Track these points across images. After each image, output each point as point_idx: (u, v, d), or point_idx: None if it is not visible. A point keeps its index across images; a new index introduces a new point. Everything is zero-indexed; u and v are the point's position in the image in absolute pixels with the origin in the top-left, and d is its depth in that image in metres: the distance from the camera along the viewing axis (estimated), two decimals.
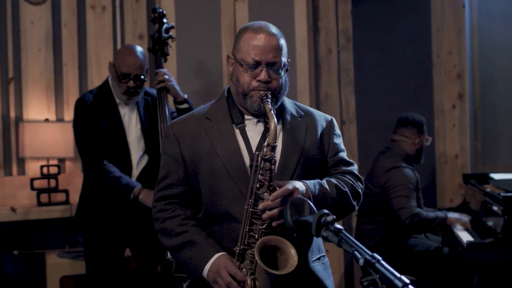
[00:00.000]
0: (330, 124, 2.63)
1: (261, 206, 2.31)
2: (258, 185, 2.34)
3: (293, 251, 2.28)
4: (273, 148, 2.33)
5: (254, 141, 2.49)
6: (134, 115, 4.09)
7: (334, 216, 1.95)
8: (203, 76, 5.18)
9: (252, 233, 2.35)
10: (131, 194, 3.89)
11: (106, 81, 4.09)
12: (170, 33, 4.27)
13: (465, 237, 4.35)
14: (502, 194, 4.07)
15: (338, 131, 2.65)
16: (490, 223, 4.35)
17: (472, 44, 5.83)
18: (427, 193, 5.41)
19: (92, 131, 3.95)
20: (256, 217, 2.34)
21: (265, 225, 2.32)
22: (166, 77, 4.07)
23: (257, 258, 2.25)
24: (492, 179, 5.03)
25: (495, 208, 4.23)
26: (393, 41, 5.71)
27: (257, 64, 2.43)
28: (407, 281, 1.61)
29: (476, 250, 4.00)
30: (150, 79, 5.04)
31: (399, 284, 1.61)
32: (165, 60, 4.26)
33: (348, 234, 1.86)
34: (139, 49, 4.04)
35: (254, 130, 2.52)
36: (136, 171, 4.06)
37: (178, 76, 4.91)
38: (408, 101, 5.64)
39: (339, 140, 2.63)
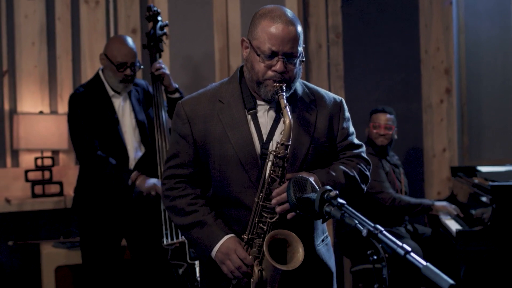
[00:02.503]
0: (339, 107, 2.61)
1: (274, 201, 2.34)
2: (269, 180, 2.36)
3: (300, 247, 2.34)
4: (286, 147, 2.33)
5: (265, 128, 2.48)
6: (127, 105, 4.16)
7: (337, 191, 2.01)
8: (196, 70, 5.25)
9: (261, 225, 2.39)
10: (129, 180, 3.95)
11: (97, 74, 4.16)
12: (165, 30, 4.35)
13: (453, 226, 4.44)
14: (490, 183, 4.16)
15: (347, 114, 2.63)
16: (478, 213, 4.44)
17: (459, 40, 5.94)
18: (415, 186, 5.50)
19: (87, 125, 4.01)
20: (266, 210, 2.37)
21: (274, 218, 2.36)
22: (162, 65, 4.17)
23: (265, 252, 2.31)
24: (479, 171, 5.13)
25: (483, 198, 4.32)
26: (382, 37, 5.80)
27: (273, 54, 2.38)
28: (409, 249, 1.69)
29: (465, 238, 4.08)
30: (144, 73, 5.10)
31: (401, 252, 1.69)
32: (160, 56, 4.33)
33: (351, 208, 1.93)
34: (129, 38, 4.15)
35: (265, 116, 2.50)
36: (132, 161, 4.11)
37: (171, 70, 4.97)
38: (397, 96, 5.74)
39: (348, 124, 2.62)
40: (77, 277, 4.63)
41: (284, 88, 2.39)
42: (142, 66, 4.17)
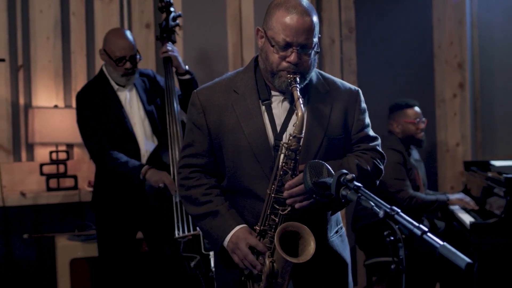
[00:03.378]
0: (355, 98, 2.59)
1: (286, 193, 2.35)
2: (282, 172, 2.36)
3: (312, 240, 2.34)
4: (299, 140, 2.32)
5: (279, 119, 2.47)
6: (134, 97, 4.17)
7: (354, 175, 2.02)
8: (209, 64, 5.27)
9: (273, 216, 2.39)
10: (140, 175, 3.96)
11: (101, 70, 4.18)
12: (177, 21, 4.35)
13: (467, 218, 4.43)
14: (505, 175, 4.15)
15: (363, 105, 2.61)
16: (492, 206, 4.43)
17: (472, 35, 5.92)
18: (428, 180, 5.49)
19: (96, 123, 4.02)
20: (278, 202, 2.38)
21: (286, 210, 2.37)
22: (169, 48, 4.18)
23: (276, 245, 2.31)
24: (492, 165, 5.10)
25: (497, 191, 4.31)
26: (395, 31, 5.79)
27: (287, 45, 2.36)
28: (426, 229, 1.70)
29: (479, 230, 4.06)
30: (158, 64, 5.12)
31: (418, 232, 1.70)
32: None
33: (367, 191, 1.94)
34: (127, 31, 4.17)
35: (280, 107, 2.49)
36: (144, 153, 4.13)
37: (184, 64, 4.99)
38: (410, 90, 5.72)
39: (363, 116, 2.60)
40: (92, 270, 4.66)
41: (298, 79, 2.38)
42: (141, 58, 4.18)
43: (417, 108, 4.95)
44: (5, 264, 4.86)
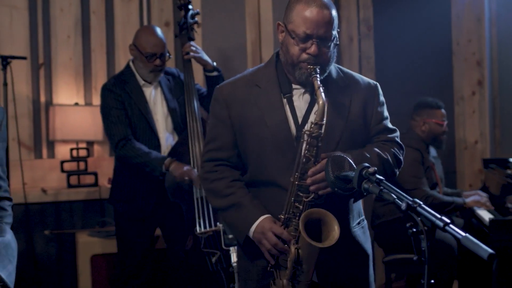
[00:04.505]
0: (374, 92, 2.65)
1: (309, 180, 2.39)
2: (304, 160, 2.40)
3: (336, 225, 2.38)
4: (320, 126, 2.37)
5: (301, 112, 2.53)
6: (158, 94, 4.22)
7: (375, 168, 2.04)
8: (228, 63, 5.29)
9: (297, 204, 2.43)
10: (163, 166, 3.98)
11: (128, 65, 4.23)
12: (196, 19, 4.38)
13: (486, 215, 4.43)
14: None
15: (382, 98, 2.66)
16: (511, 204, 4.43)
17: (491, 33, 5.90)
18: (446, 178, 5.49)
19: (119, 114, 4.07)
20: (302, 189, 2.42)
21: (310, 197, 2.41)
22: (193, 48, 4.21)
23: (301, 231, 2.35)
24: (511, 163, 5.10)
25: None
26: (413, 29, 5.78)
27: (308, 37, 2.43)
28: (448, 220, 1.71)
29: (498, 227, 4.06)
30: (177, 62, 5.15)
31: (440, 224, 1.72)
32: None
33: (389, 184, 1.96)
34: (158, 28, 4.21)
35: (301, 100, 2.55)
36: (165, 149, 4.16)
37: None
38: (429, 88, 5.70)
39: (382, 108, 2.65)
40: (112, 266, 4.69)
41: (318, 70, 2.44)
42: (171, 56, 4.23)
43: (443, 110, 4.95)
44: (27, 260, 4.90)
